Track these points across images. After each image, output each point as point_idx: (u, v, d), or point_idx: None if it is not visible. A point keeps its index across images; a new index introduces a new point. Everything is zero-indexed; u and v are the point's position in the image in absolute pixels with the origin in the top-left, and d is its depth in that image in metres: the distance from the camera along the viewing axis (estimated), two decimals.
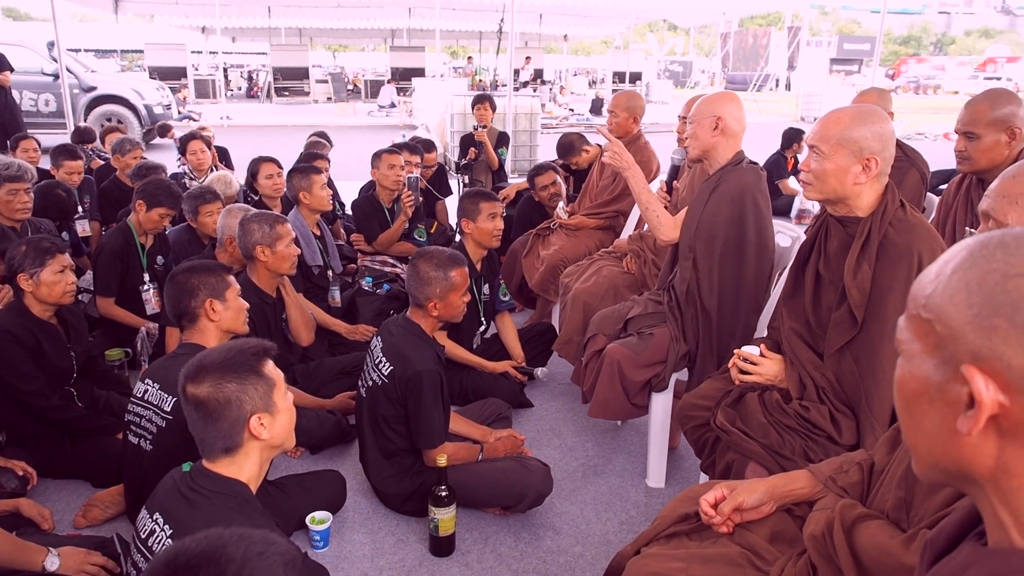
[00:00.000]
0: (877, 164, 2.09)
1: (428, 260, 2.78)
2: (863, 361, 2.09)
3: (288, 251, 3.25)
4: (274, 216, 3.28)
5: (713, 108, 2.86)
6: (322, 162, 5.40)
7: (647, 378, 2.99)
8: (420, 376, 2.63)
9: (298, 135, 15.99)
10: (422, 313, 2.80)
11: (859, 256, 2.10)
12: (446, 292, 2.76)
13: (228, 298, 2.57)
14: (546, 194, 5.02)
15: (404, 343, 2.73)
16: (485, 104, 6.49)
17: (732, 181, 2.82)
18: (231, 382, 1.69)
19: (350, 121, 20.13)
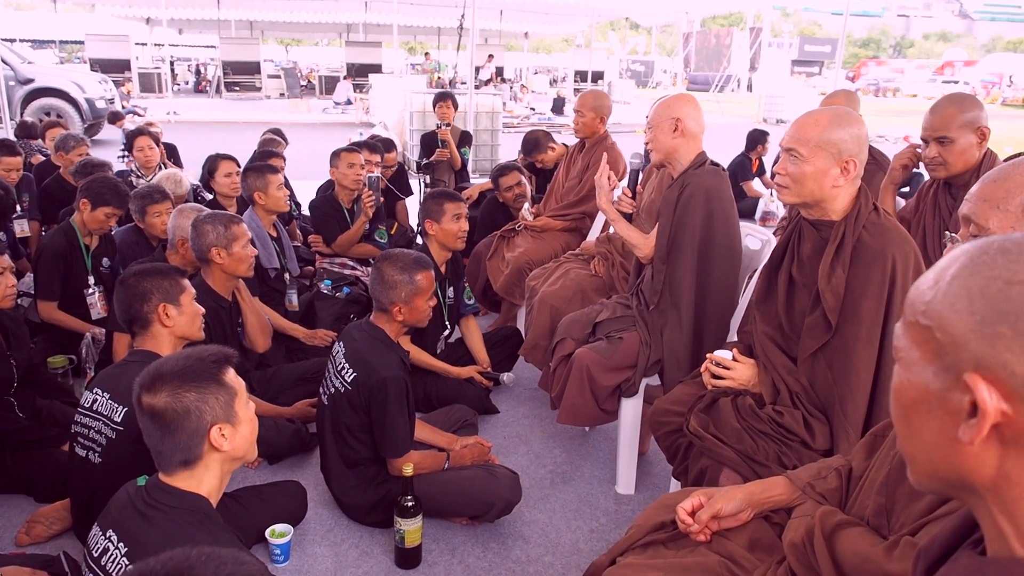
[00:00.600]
0: (855, 167, 2.12)
1: (393, 263, 2.76)
2: (837, 365, 2.12)
3: (245, 252, 3.20)
4: (229, 216, 3.23)
5: (671, 110, 2.89)
6: (277, 161, 5.32)
7: (617, 383, 3.00)
8: (385, 383, 2.60)
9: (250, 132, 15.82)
10: (386, 318, 2.77)
11: (833, 260, 2.14)
12: (411, 296, 2.73)
13: (183, 303, 2.52)
14: (511, 195, 5.02)
15: (368, 348, 2.71)
16: (448, 102, 6.47)
17: (695, 184, 2.85)
18: (190, 391, 1.65)
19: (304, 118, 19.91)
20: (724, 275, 2.88)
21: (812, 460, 2.08)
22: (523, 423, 3.71)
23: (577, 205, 4.52)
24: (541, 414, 3.80)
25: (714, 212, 2.83)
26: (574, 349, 3.12)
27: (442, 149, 6.27)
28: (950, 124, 2.83)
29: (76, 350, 3.75)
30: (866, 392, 2.08)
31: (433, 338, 3.77)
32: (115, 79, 17.18)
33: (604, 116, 4.46)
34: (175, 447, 1.66)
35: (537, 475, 3.24)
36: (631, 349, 2.99)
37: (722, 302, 2.90)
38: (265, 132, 6.66)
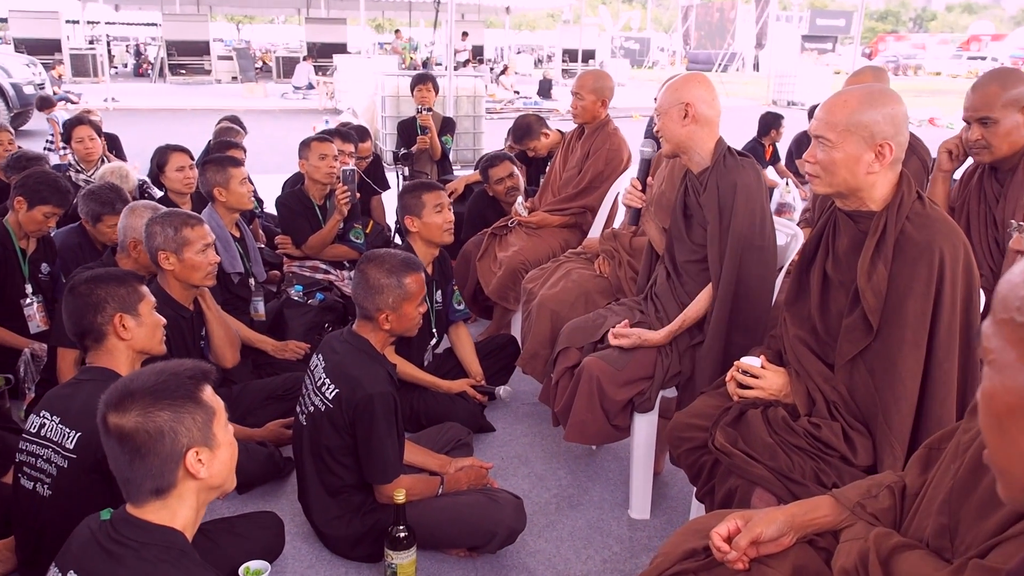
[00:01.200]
0: (891, 150, 2.13)
1: (379, 265, 2.75)
2: (879, 372, 2.14)
3: (199, 259, 3.19)
4: (184, 216, 3.21)
5: (679, 94, 2.90)
6: (238, 152, 5.31)
7: (629, 397, 3.01)
8: (371, 399, 2.59)
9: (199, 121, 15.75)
10: (371, 326, 2.77)
11: (873, 255, 2.15)
12: (400, 302, 2.73)
13: (142, 312, 2.50)
14: (502, 188, 5.02)
15: (351, 361, 2.70)
16: (428, 84, 6.46)
17: (729, 183, 2.85)
18: (163, 410, 1.64)
19: (260, 104, 19.86)
20: (762, 279, 2.90)
21: (853, 477, 2.09)
22: (522, 442, 3.71)
23: (577, 198, 4.53)
24: (542, 431, 3.80)
25: (754, 212, 2.85)
26: (580, 359, 3.12)
27: (423, 136, 6.26)
28: (993, 103, 2.86)
29: (13, 368, 3.71)
30: (912, 401, 2.09)
31: (420, 348, 3.76)
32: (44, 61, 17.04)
33: (606, 99, 4.47)
34: (146, 474, 1.65)
35: (541, 500, 3.24)
36: (646, 359, 3.00)
37: (759, 308, 2.92)
38: (221, 120, 6.64)
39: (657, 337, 3.00)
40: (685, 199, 3.06)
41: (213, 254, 3.24)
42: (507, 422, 3.89)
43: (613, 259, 3.83)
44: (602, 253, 3.89)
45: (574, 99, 4.48)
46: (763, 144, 8.19)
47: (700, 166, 2.96)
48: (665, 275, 3.15)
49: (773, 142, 8.26)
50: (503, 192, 5.02)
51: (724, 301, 2.88)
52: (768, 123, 8.14)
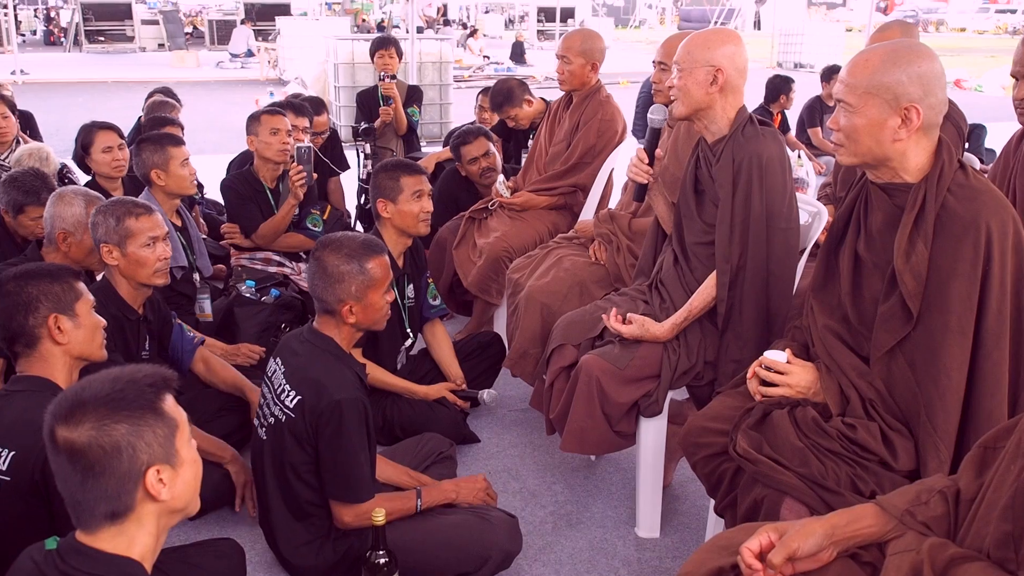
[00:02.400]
0: (919, 114, 2.15)
1: (336, 250, 2.74)
2: (921, 365, 2.17)
3: (145, 253, 3.17)
4: (128, 205, 3.19)
5: (710, 55, 2.91)
6: (174, 129, 5.25)
7: (634, 399, 3.03)
8: (339, 406, 2.58)
9: (122, 95, 15.63)
10: (334, 322, 2.76)
11: (912, 232, 2.18)
12: (364, 290, 2.72)
13: (79, 312, 2.48)
14: (476, 168, 5.01)
15: (314, 363, 2.69)
16: (391, 49, 6.44)
17: (748, 154, 2.87)
18: (121, 423, 1.62)
19: (192, 75, 19.71)
20: (784, 264, 2.93)
21: (894, 484, 2.12)
22: (511, 453, 3.73)
23: (566, 176, 4.55)
24: (534, 441, 3.81)
25: (776, 189, 2.87)
26: (576, 358, 3.14)
27: (386, 108, 6.25)
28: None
29: None
30: (959, 396, 2.12)
31: (391, 350, 3.76)
32: None
33: (596, 62, 4.48)
34: (100, 495, 1.63)
35: (535, 519, 3.26)
36: (651, 355, 3.02)
37: (782, 296, 2.94)
38: (152, 93, 6.58)
39: (661, 331, 3.02)
40: (696, 172, 3.08)
41: (163, 248, 3.22)
42: (494, 431, 3.90)
43: (610, 244, 3.84)
44: (597, 237, 3.91)
45: (560, 63, 4.48)
46: (770, 112, 8.27)
47: (716, 135, 2.98)
48: (672, 259, 3.17)
49: (782, 109, 8.34)
50: (477, 173, 5.01)
51: (740, 288, 2.90)
52: (776, 88, 8.22)
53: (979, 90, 18.15)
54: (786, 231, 2.91)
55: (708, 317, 3.02)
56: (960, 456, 2.06)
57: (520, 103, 5.32)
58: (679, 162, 3.44)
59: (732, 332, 2.97)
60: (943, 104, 2.22)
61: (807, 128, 8.51)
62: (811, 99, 8.57)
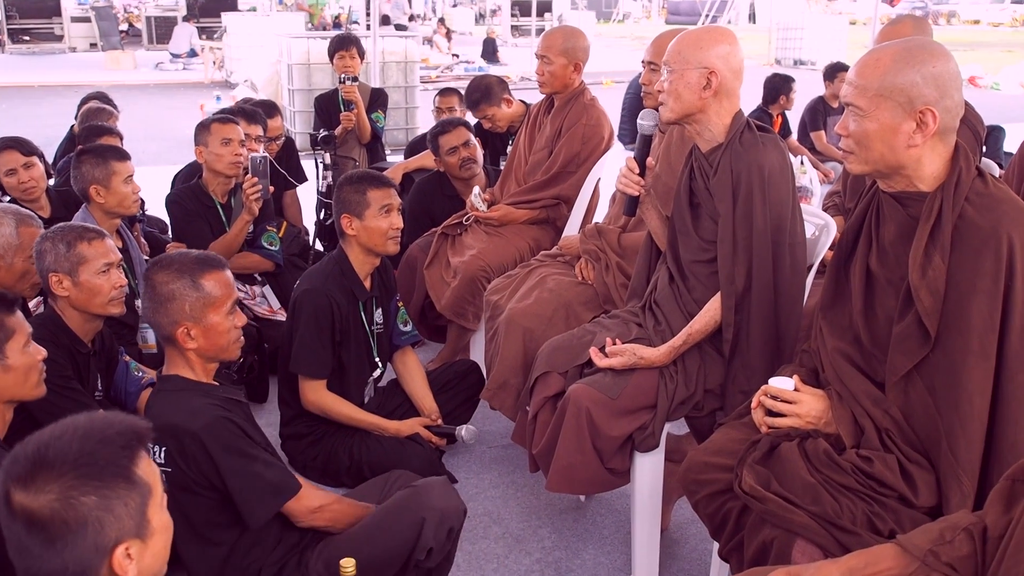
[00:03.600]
0: (935, 118, 2.20)
1: (165, 268, 2.69)
2: (940, 390, 2.20)
3: (99, 281, 3.16)
4: (79, 230, 3.20)
5: (703, 56, 2.95)
6: (112, 139, 5.25)
7: (628, 432, 3.05)
8: (198, 437, 2.55)
9: (50, 100, 15.55)
10: (177, 352, 2.71)
11: (928, 245, 2.22)
12: (201, 309, 2.66)
13: (8, 354, 2.48)
14: (455, 159, 4.99)
15: (165, 408, 2.64)
16: (351, 49, 6.47)
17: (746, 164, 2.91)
18: (89, 494, 1.57)
19: (129, 78, 19.64)
20: (791, 282, 2.97)
21: (914, 521, 2.15)
22: (492, 495, 3.74)
23: (548, 186, 4.57)
24: (517, 481, 3.83)
25: (779, 202, 2.92)
26: (564, 387, 3.15)
27: (347, 114, 6.27)
28: None
29: None
30: (982, 424, 2.15)
31: (358, 382, 3.77)
32: None
33: (579, 62, 4.52)
34: (58, 570, 1.60)
35: (520, 567, 3.27)
36: (646, 383, 3.04)
37: (788, 317, 2.99)
38: (86, 99, 6.57)
39: (656, 355, 3.05)
40: (691, 184, 3.11)
41: (118, 275, 3.21)
42: (472, 470, 3.90)
43: (598, 261, 3.86)
44: (584, 254, 3.93)
45: (540, 63, 4.52)
46: (770, 113, 8.33)
47: (711, 143, 3.02)
48: (668, 278, 3.20)
49: (782, 111, 8.41)
50: (457, 165, 5.02)
51: (747, 311, 2.94)
52: (775, 87, 8.28)
53: (996, 88, 18.37)
54: (792, 246, 2.95)
55: (708, 341, 3.05)
56: (985, 490, 2.09)
57: (499, 102, 5.35)
58: (672, 171, 3.47)
59: (739, 360, 3.00)
60: (960, 107, 2.27)
61: (810, 132, 8.57)
62: (813, 100, 8.64)
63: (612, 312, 3.47)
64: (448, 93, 6.50)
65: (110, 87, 15.17)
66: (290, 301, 3.72)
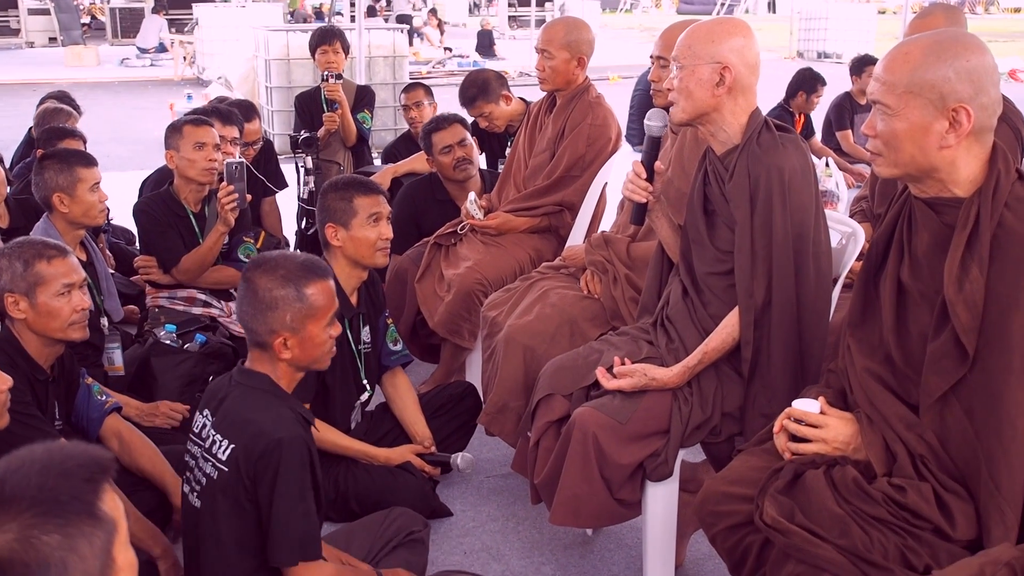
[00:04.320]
0: (970, 116, 2.21)
1: (270, 272, 2.75)
2: (980, 413, 2.21)
3: (59, 304, 3.16)
4: (38, 247, 3.20)
5: (715, 50, 2.97)
6: (74, 142, 5.27)
7: (639, 459, 3.06)
8: (278, 446, 2.59)
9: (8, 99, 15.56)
10: (267, 357, 2.77)
11: (964, 256, 2.22)
12: (302, 320, 2.73)
13: None
14: (449, 159, 4.98)
15: (246, 404, 2.70)
16: (335, 43, 6.48)
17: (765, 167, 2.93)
18: (52, 533, 1.58)
19: (92, 74, 19.68)
20: (815, 296, 2.99)
21: (952, 555, 2.15)
22: (491, 528, 3.73)
23: (550, 192, 4.59)
24: (518, 513, 3.82)
25: (801, 207, 2.93)
26: (568, 411, 3.16)
27: (330, 114, 6.28)
28: None
29: None
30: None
31: (344, 406, 3.77)
32: None
33: (583, 57, 4.54)
34: None
35: None
36: (658, 407, 3.05)
37: (813, 334, 3.00)
38: (44, 99, 6.60)
39: (669, 376, 3.05)
40: (705, 189, 3.13)
41: (80, 297, 3.21)
42: (469, 502, 3.90)
43: (605, 273, 3.87)
44: (589, 266, 3.94)
45: (540, 58, 4.54)
46: (791, 111, 8.37)
47: (726, 145, 3.03)
48: (681, 292, 3.21)
49: (805, 110, 8.43)
50: (451, 165, 5.01)
51: (767, 328, 2.95)
52: (799, 84, 8.31)
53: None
54: (817, 257, 2.96)
55: (726, 361, 3.06)
56: None
57: (497, 98, 5.36)
58: (686, 175, 3.49)
59: (759, 381, 3.01)
60: (997, 104, 2.28)
61: (835, 131, 8.61)
62: (839, 96, 8.67)
63: (621, 329, 3.48)
64: (413, 88, 6.58)
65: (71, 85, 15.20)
66: None
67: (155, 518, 3.38)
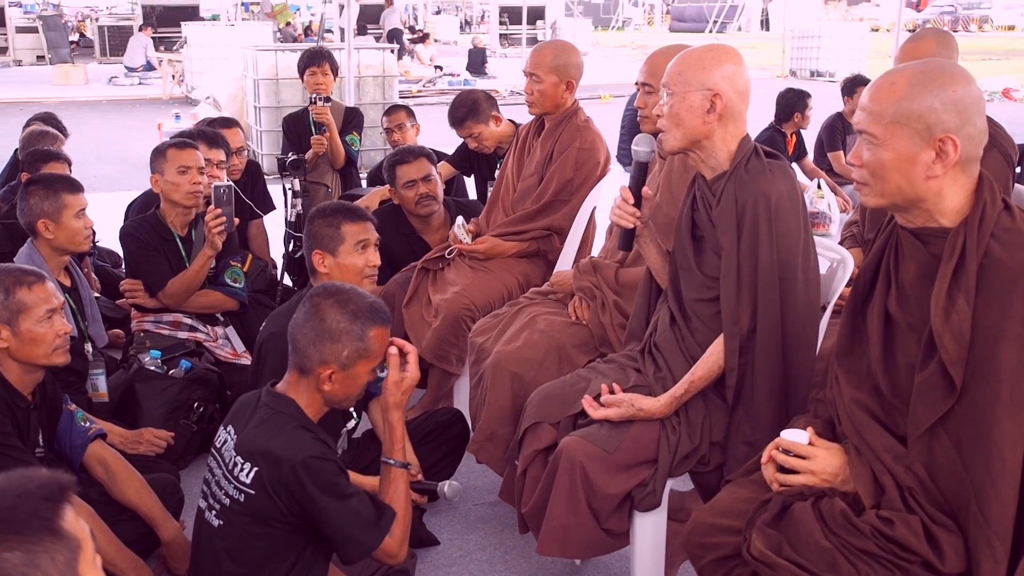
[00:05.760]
0: (956, 147, 2.22)
1: (342, 304, 2.78)
2: (968, 444, 2.21)
3: (41, 330, 3.16)
4: (17, 273, 3.20)
5: (705, 76, 2.98)
6: (59, 166, 5.26)
7: (626, 489, 3.06)
8: (296, 471, 2.62)
9: None
10: (305, 384, 2.79)
11: (951, 287, 2.23)
12: (355, 359, 2.76)
13: None
14: (412, 194, 4.94)
15: (266, 430, 2.72)
16: (323, 65, 6.49)
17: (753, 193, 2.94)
18: (14, 550, 1.61)
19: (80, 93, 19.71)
20: (803, 324, 2.99)
21: None
22: (478, 558, 3.73)
23: (538, 216, 4.59)
24: (505, 542, 3.82)
25: (787, 233, 2.94)
26: (556, 439, 3.16)
27: (318, 137, 6.29)
28: None
29: None
30: (1015, 481, 2.16)
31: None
32: None
33: (572, 80, 4.55)
34: None
35: None
36: (646, 436, 3.06)
37: (799, 363, 3.01)
38: (30, 121, 6.59)
39: (657, 406, 3.06)
40: (693, 215, 3.14)
41: (61, 322, 3.21)
42: (456, 531, 3.89)
43: (594, 299, 3.87)
44: (578, 292, 3.94)
45: (528, 82, 4.55)
46: (783, 132, 8.37)
47: (715, 171, 3.05)
48: (669, 319, 3.22)
49: (797, 130, 8.45)
50: (413, 200, 4.99)
51: (752, 355, 2.95)
52: (790, 104, 8.31)
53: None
54: (805, 284, 2.97)
55: (714, 389, 3.06)
56: (1019, 554, 2.11)
57: (486, 119, 5.36)
58: (674, 200, 3.50)
59: (743, 408, 3.02)
60: (983, 134, 2.29)
61: (827, 152, 8.59)
62: (831, 117, 8.66)
63: (608, 356, 3.48)
64: (395, 110, 6.59)
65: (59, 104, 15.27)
66: (255, 344, 3.72)
67: (138, 548, 3.37)
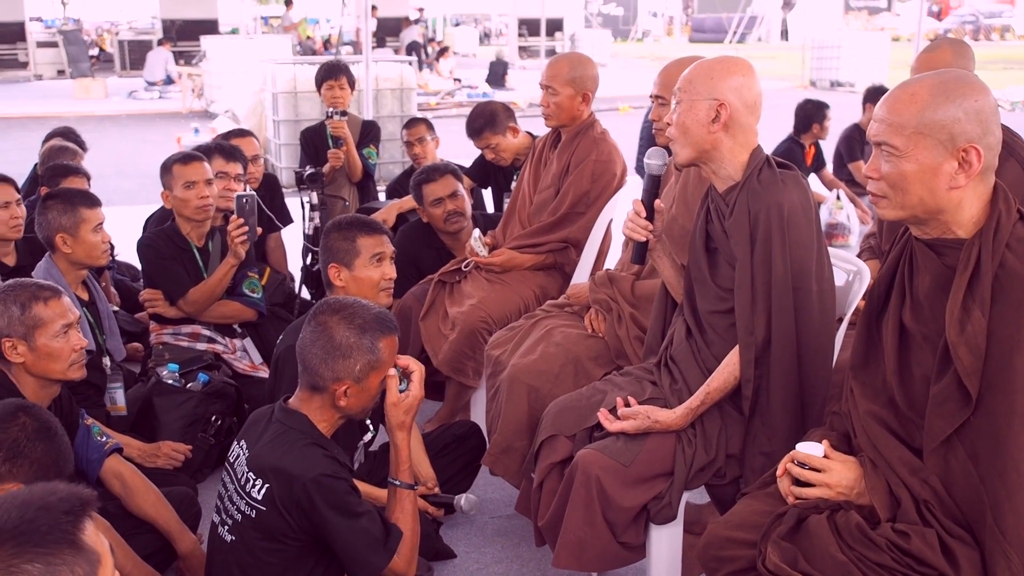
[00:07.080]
0: (980, 156, 2.23)
1: (348, 319, 2.79)
2: (984, 457, 2.20)
3: (58, 344, 3.18)
4: (33, 288, 3.22)
5: (712, 86, 2.99)
6: (78, 181, 5.30)
7: (642, 502, 3.06)
8: (307, 488, 2.64)
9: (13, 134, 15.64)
10: (319, 402, 2.81)
11: (966, 298, 2.23)
12: (367, 371, 2.78)
13: None
14: (440, 211, 5.02)
15: (278, 447, 2.73)
16: (340, 78, 6.50)
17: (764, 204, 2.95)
18: (34, 562, 1.62)
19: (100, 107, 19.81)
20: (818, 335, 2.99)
21: None
22: (495, 571, 3.72)
23: (555, 229, 4.60)
24: (522, 555, 3.81)
25: (801, 243, 2.94)
26: (572, 452, 3.17)
27: (335, 150, 6.31)
28: None
29: None
30: None
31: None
32: None
33: (588, 93, 4.56)
34: None
35: None
36: (662, 448, 3.06)
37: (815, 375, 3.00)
38: (50, 136, 6.63)
39: (673, 418, 3.06)
40: (707, 227, 3.14)
41: (78, 336, 3.23)
42: (473, 544, 3.89)
43: (610, 312, 3.87)
44: (594, 304, 3.94)
45: (545, 94, 4.55)
46: (801, 143, 8.34)
47: (727, 182, 3.05)
48: (685, 332, 3.22)
49: (815, 140, 8.42)
50: (441, 217, 5.03)
51: (767, 366, 2.95)
52: (808, 115, 8.29)
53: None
54: (819, 294, 2.97)
55: (730, 401, 3.07)
56: None
57: (504, 130, 5.37)
58: (690, 213, 3.49)
59: (759, 419, 3.02)
60: (999, 144, 2.30)
61: (847, 162, 8.57)
62: (849, 128, 8.64)
63: (624, 369, 3.49)
64: (415, 123, 6.59)
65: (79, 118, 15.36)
66: (273, 357, 3.73)
67: (155, 561, 3.39)
